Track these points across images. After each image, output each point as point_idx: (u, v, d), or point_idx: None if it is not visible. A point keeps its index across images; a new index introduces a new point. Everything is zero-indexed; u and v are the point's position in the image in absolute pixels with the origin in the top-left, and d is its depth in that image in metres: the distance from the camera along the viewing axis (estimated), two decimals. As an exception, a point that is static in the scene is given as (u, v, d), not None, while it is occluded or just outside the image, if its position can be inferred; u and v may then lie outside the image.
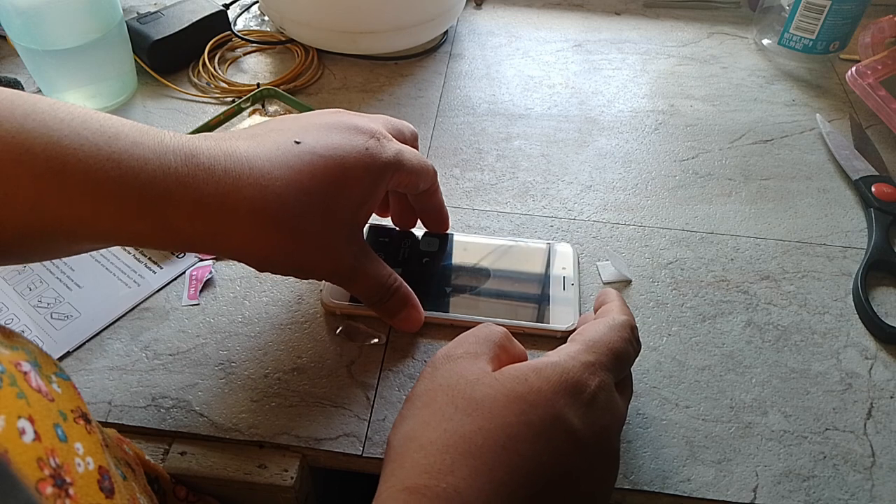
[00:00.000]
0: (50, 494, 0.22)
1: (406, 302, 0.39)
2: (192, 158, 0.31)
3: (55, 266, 0.43)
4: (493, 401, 0.29)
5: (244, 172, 0.32)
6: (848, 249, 0.47)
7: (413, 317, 0.40)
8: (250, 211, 0.32)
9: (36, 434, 0.23)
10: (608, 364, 0.31)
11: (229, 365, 0.39)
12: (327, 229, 0.34)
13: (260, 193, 0.32)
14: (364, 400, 0.38)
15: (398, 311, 0.39)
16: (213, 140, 0.33)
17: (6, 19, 0.49)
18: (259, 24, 0.67)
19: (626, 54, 0.65)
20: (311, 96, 0.58)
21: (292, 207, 0.32)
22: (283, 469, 0.35)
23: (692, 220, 0.49)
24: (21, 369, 0.24)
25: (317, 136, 0.35)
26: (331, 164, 0.34)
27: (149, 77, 0.58)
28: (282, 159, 0.33)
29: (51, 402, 0.25)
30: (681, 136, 0.56)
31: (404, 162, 0.37)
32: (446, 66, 0.63)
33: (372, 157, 0.35)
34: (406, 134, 0.41)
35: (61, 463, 0.23)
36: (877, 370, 0.40)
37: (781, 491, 0.35)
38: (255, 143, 0.33)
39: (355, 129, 0.36)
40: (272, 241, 0.33)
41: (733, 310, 0.43)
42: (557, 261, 0.44)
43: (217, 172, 0.31)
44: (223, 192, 0.31)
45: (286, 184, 0.32)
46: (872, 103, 0.56)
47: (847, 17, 0.59)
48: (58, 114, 0.29)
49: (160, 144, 0.31)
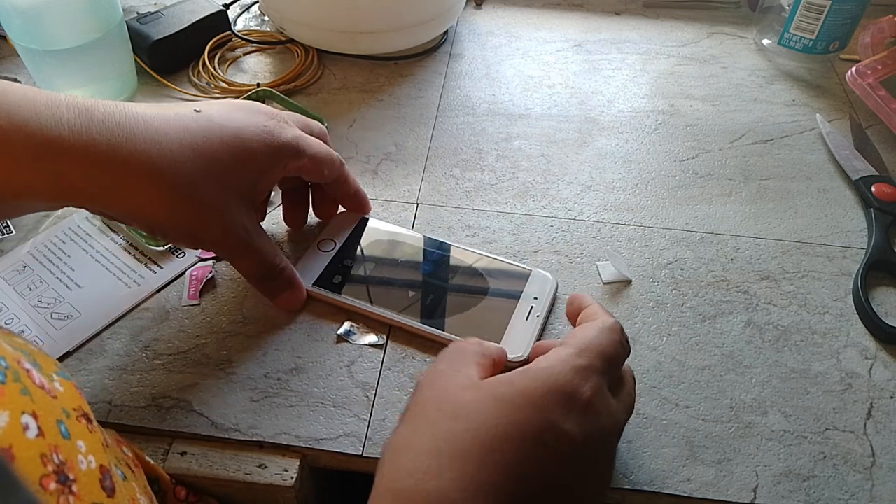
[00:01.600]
0: (53, 490, 0.22)
1: (290, 284, 0.41)
2: (87, 112, 0.32)
3: (55, 266, 0.43)
4: (478, 404, 0.28)
5: (139, 128, 0.32)
6: (848, 249, 0.47)
7: (294, 297, 0.41)
8: (142, 166, 0.32)
9: (40, 430, 0.23)
10: (601, 367, 0.30)
11: (229, 365, 0.39)
12: (219, 196, 0.35)
13: (154, 149, 0.32)
14: (364, 400, 0.38)
15: (281, 291, 0.40)
16: (112, 102, 0.33)
17: (6, 19, 0.49)
18: (259, 24, 0.67)
19: (626, 54, 0.65)
20: (311, 96, 0.58)
21: (185, 167, 0.33)
22: (283, 469, 0.35)
23: (692, 220, 0.49)
24: (23, 366, 0.24)
25: (219, 109, 0.37)
26: (228, 134, 0.35)
27: (149, 77, 0.58)
28: (179, 122, 0.34)
29: (54, 399, 0.25)
30: (681, 136, 0.56)
31: (304, 147, 0.39)
32: (446, 66, 0.63)
33: (270, 135, 0.37)
34: (314, 129, 0.43)
35: (64, 460, 0.24)
36: (877, 370, 0.40)
37: (781, 491, 0.35)
38: (154, 108, 0.35)
39: (258, 111, 0.38)
40: (163, 201, 0.33)
41: (733, 310, 0.43)
42: (532, 288, 0.42)
43: (111, 126, 0.32)
44: (116, 144, 0.31)
45: (181, 144, 0.33)
46: (872, 103, 0.56)
47: (847, 17, 0.59)
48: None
49: (53, 100, 0.31)
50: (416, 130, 0.55)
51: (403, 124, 0.56)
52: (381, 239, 0.45)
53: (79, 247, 0.45)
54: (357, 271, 0.43)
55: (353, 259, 0.44)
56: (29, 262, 0.43)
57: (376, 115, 0.57)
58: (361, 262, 0.43)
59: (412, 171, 0.52)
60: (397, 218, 0.48)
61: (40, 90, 0.32)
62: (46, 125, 0.30)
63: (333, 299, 0.41)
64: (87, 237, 0.45)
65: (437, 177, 0.51)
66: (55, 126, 0.31)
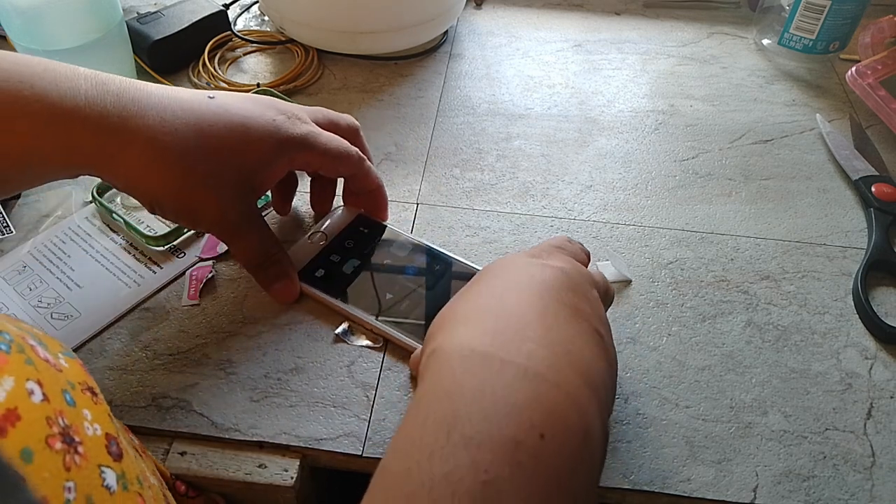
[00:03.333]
0: (59, 450, 0.22)
1: (285, 274, 0.41)
2: (102, 85, 0.34)
3: (55, 266, 0.43)
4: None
5: (151, 104, 0.34)
6: (848, 249, 0.47)
7: (288, 289, 0.41)
8: (147, 138, 0.34)
9: (44, 396, 0.23)
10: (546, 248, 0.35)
11: (229, 365, 0.39)
12: (218, 178, 0.36)
13: (160, 125, 0.34)
14: (364, 400, 0.38)
15: (275, 280, 0.41)
16: (128, 79, 0.35)
17: (6, 19, 0.49)
18: (259, 24, 0.67)
19: (626, 54, 0.65)
20: (311, 96, 0.58)
21: (186, 145, 0.35)
22: (283, 469, 0.35)
23: (692, 220, 0.49)
24: (28, 342, 0.24)
25: (232, 100, 0.38)
26: (235, 121, 0.37)
27: (149, 77, 0.58)
28: (190, 105, 0.36)
29: (59, 372, 0.25)
30: (681, 136, 0.56)
31: (314, 142, 0.39)
32: (446, 66, 0.63)
33: (278, 129, 0.38)
34: (341, 125, 0.43)
35: (70, 424, 0.24)
36: (877, 370, 0.40)
37: (781, 491, 0.35)
38: (170, 90, 0.37)
39: (272, 106, 0.39)
40: (159, 172, 0.35)
41: (733, 310, 0.43)
42: None
43: (124, 100, 0.34)
44: (126, 116, 0.34)
45: (186, 123, 0.35)
46: (872, 103, 0.56)
47: (847, 17, 0.59)
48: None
49: (72, 72, 0.34)
50: (416, 130, 0.55)
51: (403, 124, 0.56)
52: (373, 238, 0.45)
53: (79, 247, 0.45)
54: (341, 268, 0.43)
55: (340, 255, 0.44)
56: (29, 262, 0.43)
57: (376, 115, 0.57)
58: (347, 259, 0.43)
59: (412, 171, 0.52)
60: (397, 218, 0.48)
61: (61, 63, 0.34)
62: (66, 95, 0.33)
63: (312, 292, 0.42)
64: (87, 237, 0.45)
65: (437, 177, 0.51)
66: (73, 96, 0.33)
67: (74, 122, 0.33)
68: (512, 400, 0.24)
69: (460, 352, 0.26)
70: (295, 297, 0.42)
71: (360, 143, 0.45)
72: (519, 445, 0.23)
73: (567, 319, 0.29)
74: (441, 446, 0.23)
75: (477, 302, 0.31)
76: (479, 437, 0.23)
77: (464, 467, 0.22)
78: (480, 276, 0.34)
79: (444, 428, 0.23)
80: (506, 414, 0.24)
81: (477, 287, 0.33)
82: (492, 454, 0.23)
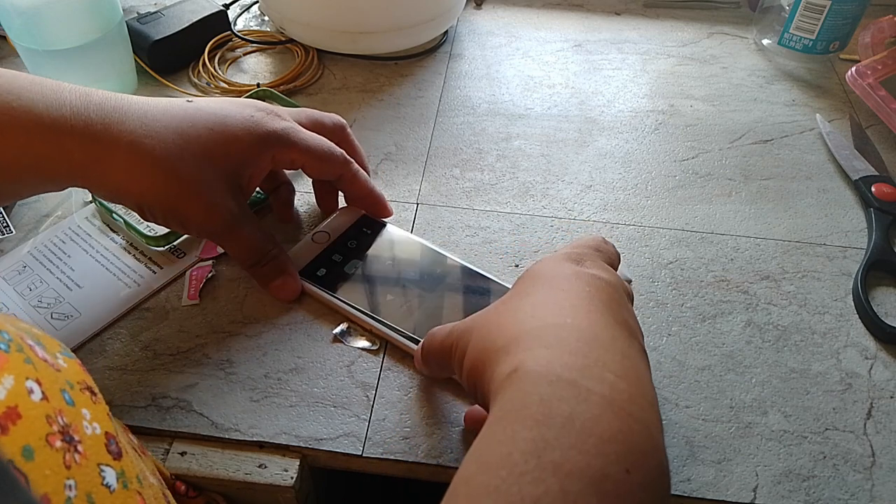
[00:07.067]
0: (59, 447, 0.23)
1: (282, 271, 0.41)
2: (86, 96, 0.35)
3: (55, 266, 0.43)
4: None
5: (132, 111, 0.36)
6: (848, 249, 0.47)
7: (288, 286, 0.41)
8: (129, 142, 0.35)
9: (44, 395, 0.23)
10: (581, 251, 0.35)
11: (229, 365, 0.39)
12: (204, 178, 0.37)
13: (141, 129, 0.35)
14: (364, 400, 0.38)
15: (273, 277, 0.41)
16: (110, 92, 0.37)
17: (6, 19, 0.49)
18: (259, 24, 0.67)
19: (626, 54, 0.65)
20: (311, 96, 0.58)
21: (168, 147, 0.36)
22: (283, 469, 0.35)
23: (692, 220, 0.49)
24: (27, 342, 0.25)
25: (209, 101, 0.39)
26: (213, 121, 0.38)
27: (149, 77, 0.58)
28: (169, 110, 0.37)
29: (57, 371, 0.25)
30: (681, 136, 0.56)
31: (294, 138, 0.40)
32: (446, 66, 0.63)
33: (256, 124, 0.39)
34: (326, 124, 0.44)
35: (69, 423, 0.24)
36: (877, 370, 0.40)
37: (781, 491, 0.35)
38: (149, 99, 0.38)
39: (250, 104, 0.40)
40: (145, 176, 0.36)
41: (733, 310, 0.43)
42: None
43: (106, 108, 0.35)
44: (108, 123, 0.35)
45: (167, 126, 0.36)
46: (872, 103, 0.56)
47: (847, 17, 0.59)
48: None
49: (57, 85, 0.35)
50: (416, 130, 0.55)
51: (403, 124, 0.56)
52: (375, 239, 0.45)
53: (79, 247, 0.45)
54: (343, 268, 0.43)
55: (342, 255, 0.44)
56: (29, 262, 0.43)
57: (376, 115, 0.57)
58: (349, 259, 0.43)
59: (412, 171, 0.52)
60: (397, 218, 0.48)
61: (46, 78, 0.35)
62: (52, 105, 0.34)
63: (314, 291, 0.42)
64: (87, 237, 0.45)
65: (437, 177, 0.51)
66: (59, 107, 0.34)
67: (61, 132, 0.34)
68: (598, 431, 0.24)
69: (547, 377, 0.26)
70: (296, 293, 0.42)
71: (349, 141, 0.45)
72: (606, 478, 0.23)
73: (627, 340, 0.29)
74: (531, 469, 0.23)
75: (546, 320, 0.29)
76: (569, 465, 0.23)
77: (553, 493, 0.22)
78: (534, 284, 0.32)
79: (533, 452, 0.24)
80: (594, 445, 0.24)
81: (536, 298, 0.31)
82: (581, 484, 0.23)
